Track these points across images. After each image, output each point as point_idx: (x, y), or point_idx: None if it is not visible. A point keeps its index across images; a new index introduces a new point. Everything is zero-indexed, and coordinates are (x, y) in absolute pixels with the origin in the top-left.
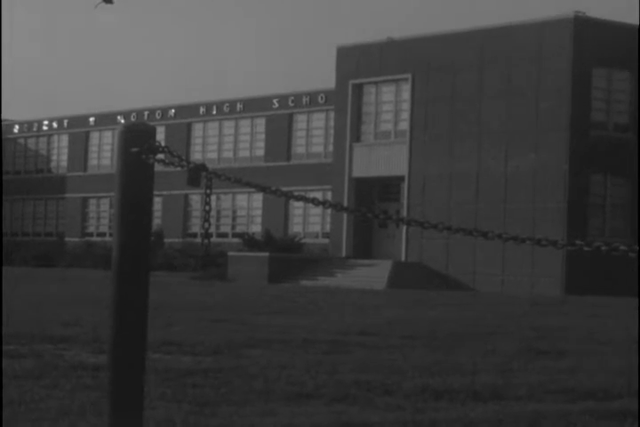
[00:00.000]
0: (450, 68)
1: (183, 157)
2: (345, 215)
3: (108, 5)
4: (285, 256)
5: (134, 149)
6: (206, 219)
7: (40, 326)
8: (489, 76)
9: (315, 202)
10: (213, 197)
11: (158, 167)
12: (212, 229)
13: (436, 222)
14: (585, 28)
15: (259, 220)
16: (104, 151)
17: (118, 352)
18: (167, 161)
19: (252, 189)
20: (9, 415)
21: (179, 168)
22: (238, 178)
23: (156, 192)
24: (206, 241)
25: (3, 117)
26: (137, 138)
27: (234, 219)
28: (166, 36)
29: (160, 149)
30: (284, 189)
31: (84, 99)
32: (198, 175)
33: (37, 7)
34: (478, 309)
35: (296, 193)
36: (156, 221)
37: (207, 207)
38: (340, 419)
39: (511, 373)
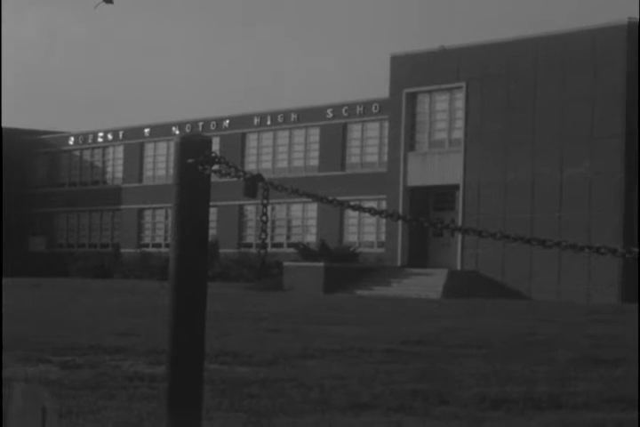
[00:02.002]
0: (504, 76)
1: (239, 168)
2: (400, 224)
3: (109, 5)
4: (341, 266)
5: (191, 160)
6: (263, 229)
7: (96, 337)
8: (543, 83)
9: (372, 212)
10: (268, 208)
11: (213, 178)
12: (267, 240)
13: (495, 231)
14: (638, 34)
15: (314, 230)
16: (159, 162)
17: (176, 363)
18: (223, 172)
19: (307, 199)
20: (67, 426)
21: (234, 179)
22: (295, 188)
23: (211, 203)
24: (263, 251)
25: (58, 129)
26: (193, 149)
27: (289, 229)
28: (221, 46)
29: (216, 160)
30: (339, 198)
31: (139, 110)
32: (255, 186)
33: (84, 16)
34: (534, 317)
35: (350, 203)
36: (211, 232)
37: (264, 218)
38: None
39: (569, 381)
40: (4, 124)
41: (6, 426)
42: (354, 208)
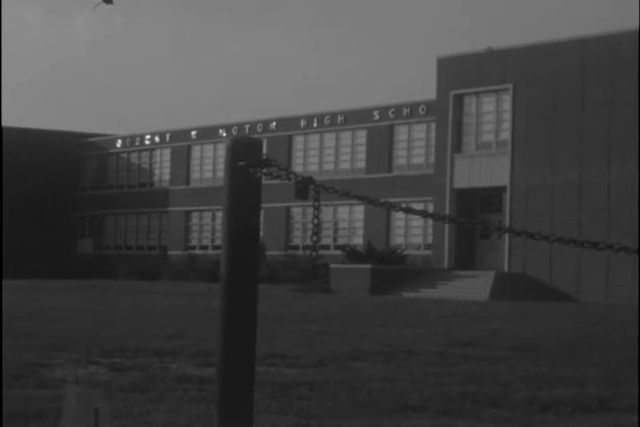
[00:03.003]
0: (551, 78)
1: (290, 171)
2: (447, 226)
3: (109, 5)
4: (387, 268)
5: (242, 163)
6: (315, 232)
7: (145, 339)
8: (590, 84)
9: (423, 214)
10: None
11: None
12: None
13: (547, 234)
14: None
15: (360, 232)
16: (206, 164)
17: (227, 364)
18: (274, 174)
19: (354, 201)
20: None
21: (278, 180)
22: (346, 191)
23: None
24: (315, 253)
25: (106, 132)
26: (244, 151)
27: (335, 231)
28: (267, 47)
29: (267, 163)
30: (382, 200)
31: (186, 112)
32: (306, 188)
33: (131, 18)
34: (583, 319)
35: (401, 205)
36: None
37: (315, 220)
38: None
39: (618, 384)
40: (50, 127)
41: None
42: (405, 210)
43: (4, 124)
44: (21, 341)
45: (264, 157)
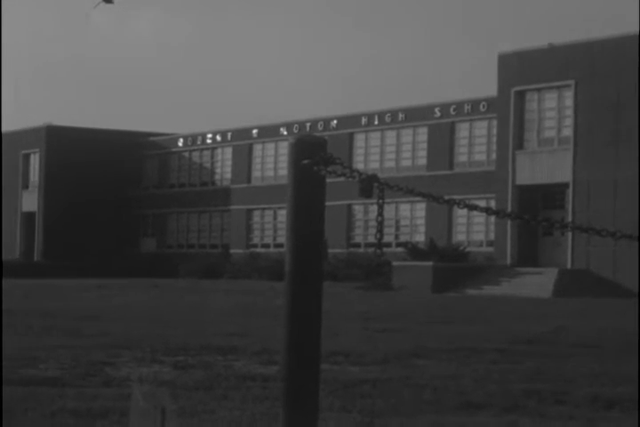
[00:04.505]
0: (613, 73)
1: (355, 169)
2: (509, 223)
3: (109, 5)
4: (449, 265)
5: (306, 161)
6: (379, 229)
7: (208, 337)
8: None
9: (489, 212)
10: (384, 207)
11: None
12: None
13: (613, 230)
14: None
15: (422, 229)
16: (267, 163)
17: (293, 362)
18: (339, 172)
19: (416, 199)
20: (183, 426)
21: (341, 178)
22: (410, 188)
23: None
24: (379, 251)
25: (167, 131)
26: (308, 150)
27: (397, 228)
28: (326, 45)
29: (332, 161)
30: (447, 197)
31: (247, 111)
32: (371, 186)
33: (190, 16)
34: None
35: (461, 202)
36: None
37: (379, 218)
38: None
39: None
40: (118, 127)
41: (128, 425)
42: (470, 207)
43: (64, 123)
44: (86, 340)
45: (328, 155)
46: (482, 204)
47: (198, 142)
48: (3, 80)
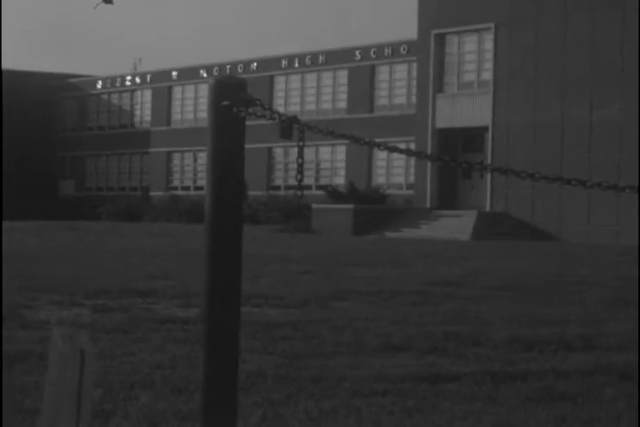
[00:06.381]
0: (533, 16)
1: (275, 110)
2: (429, 166)
3: (109, 5)
4: (370, 208)
5: (226, 103)
6: (299, 171)
7: (128, 281)
8: (572, 22)
9: (409, 153)
10: (304, 149)
11: None
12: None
13: (532, 172)
14: None
15: (342, 172)
16: (187, 106)
17: (213, 305)
18: (259, 114)
19: (336, 141)
20: (102, 369)
21: (262, 121)
22: (330, 130)
23: None
24: (300, 193)
25: (86, 73)
26: (228, 91)
27: (317, 171)
28: None
29: (252, 102)
30: (370, 139)
31: (166, 53)
32: (291, 128)
33: None
34: (565, 259)
35: (381, 144)
36: None
37: (300, 160)
38: (430, 371)
39: (600, 323)
40: (30, 68)
41: (47, 368)
42: (390, 149)
43: None
44: (3, 283)
45: (248, 96)
46: (402, 147)
47: (117, 84)
48: None
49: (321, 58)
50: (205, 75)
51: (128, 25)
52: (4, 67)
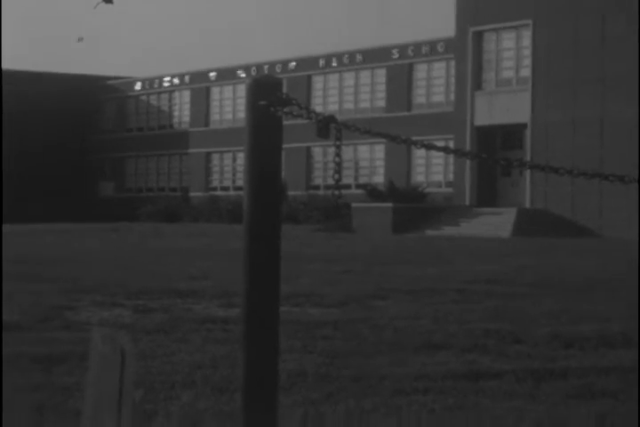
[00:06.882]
0: (571, 12)
1: (312, 109)
2: (468, 164)
3: (109, 5)
4: (409, 206)
5: (263, 102)
6: (337, 170)
7: (168, 281)
8: (612, 19)
9: (447, 151)
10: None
11: None
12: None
13: (570, 168)
14: None
15: (381, 171)
16: (225, 106)
17: (252, 305)
18: (295, 113)
19: (375, 140)
20: (143, 369)
21: (299, 120)
22: (367, 129)
23: None
24: (338, 192)
25: (125, 75)
26: (265, 91)
27: (356, 170)
28: None
29: (288, 102)
30: (407, 138)
31: (204, 54)
32: (328, 127)
33: None
34: (606, 255)
35: (418, 142)
36: None
37: (337, 159)
38: (471, 369)
39: None
40: (74, 71)
41: (88, 369)
42: (427, 147)
43: (18, 67)
44: (46, 285)
45: (285, 96)
46: (441, 145)
47: (155, 86)
48: None
49: (359, 57)
50: (243, 75)
51: (167, 25)
52: (42, 70)
